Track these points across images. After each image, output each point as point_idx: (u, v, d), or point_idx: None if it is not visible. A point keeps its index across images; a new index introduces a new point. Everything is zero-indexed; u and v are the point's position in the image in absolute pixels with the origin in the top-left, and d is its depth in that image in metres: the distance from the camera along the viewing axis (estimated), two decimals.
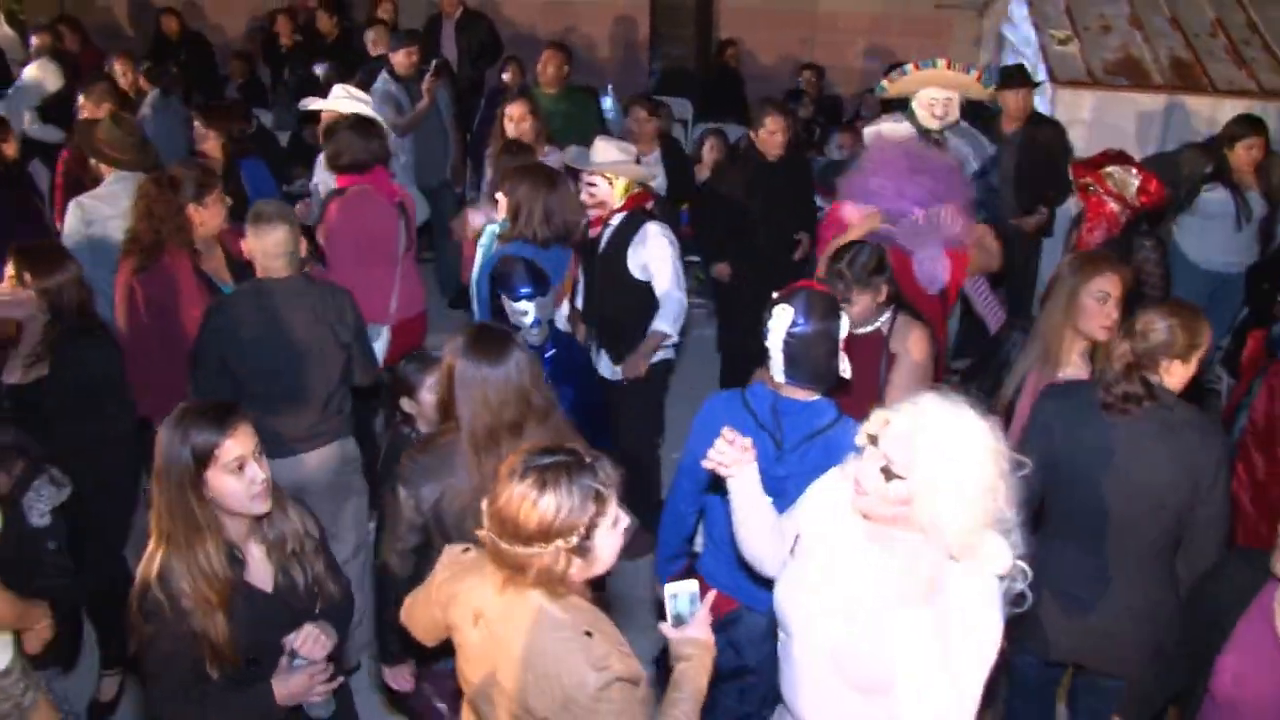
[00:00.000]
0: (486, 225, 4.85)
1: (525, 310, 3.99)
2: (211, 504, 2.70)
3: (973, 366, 4.62)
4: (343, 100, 5.97)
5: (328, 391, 4.21)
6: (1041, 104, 7.22)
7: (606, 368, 5.13)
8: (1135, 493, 3.24)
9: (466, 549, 2.56)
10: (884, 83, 6.02)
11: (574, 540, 2.26)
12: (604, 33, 11.75)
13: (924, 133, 5.78)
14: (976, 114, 6.43)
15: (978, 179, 5.90)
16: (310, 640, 2.82)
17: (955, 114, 5.80)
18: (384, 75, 7.43)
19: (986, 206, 5.90)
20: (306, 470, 4.18)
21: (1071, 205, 6.28)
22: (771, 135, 6.26)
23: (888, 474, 2.35)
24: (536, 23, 11.77)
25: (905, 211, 4.76)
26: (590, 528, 2.27)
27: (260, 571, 2.85)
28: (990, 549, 2.38)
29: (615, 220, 4.97)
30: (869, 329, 4.11)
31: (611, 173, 4.93)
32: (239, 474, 2.69)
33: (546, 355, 4.10)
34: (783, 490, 2.98)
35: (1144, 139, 7.19)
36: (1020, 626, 3.54)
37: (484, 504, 2.35)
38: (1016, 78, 6.82)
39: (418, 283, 5.54)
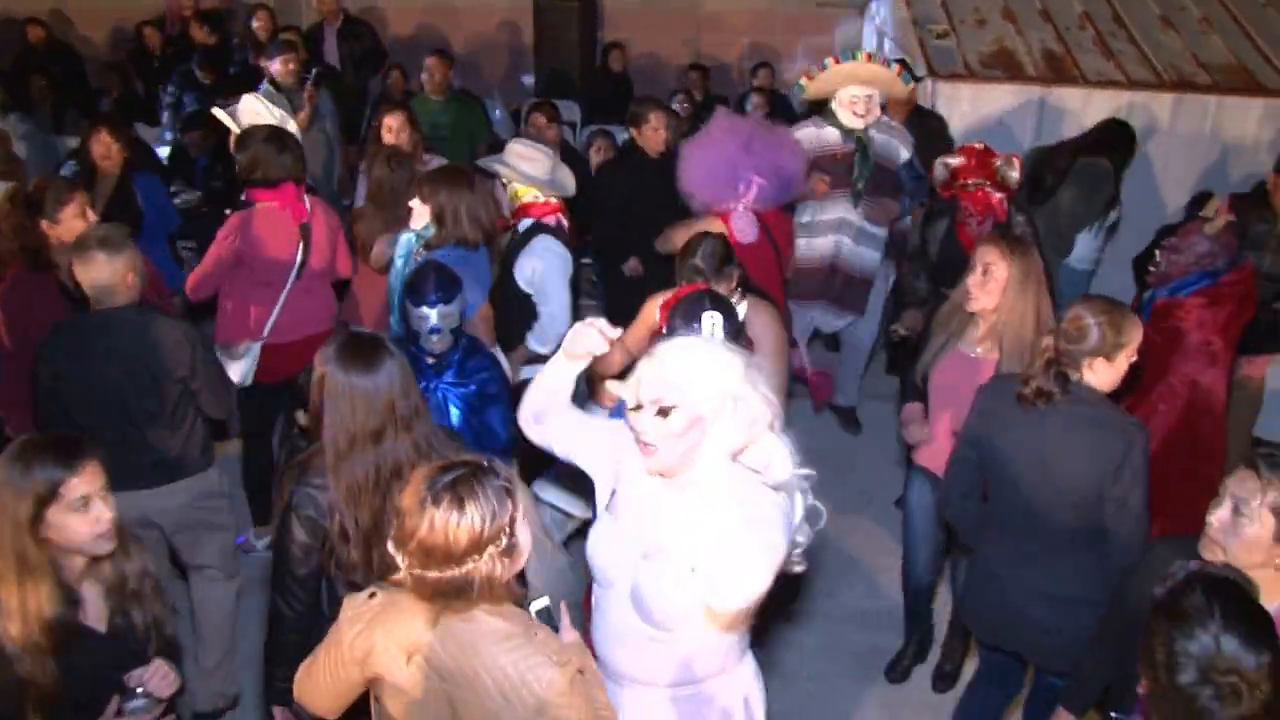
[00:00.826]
0: (402, 236, 4.76)
1: (425, 316, 3.92)
2: (50, 543, 2.57)
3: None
4: (250, 112, 5.85)
5: (164, 427, 4.03)
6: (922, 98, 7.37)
7: None
8: (1051, 484, 3.33)
9: (372, 594, 2.45)
10: (802, 81, 6.05)
11: (503, 542, 2.26)
12: (487, 38, 11.67)
13: (848, 133, 5.86)
14: None
15: (908, 168, 6.08)
16: (158, 677, 2.72)
17: (877, 111, 5.88)
18: (264, 85, 7.28)
19: (915, 195, 6.10)
20: (152, 506, 4.02)
21: None
22: (655, 132, 6.29)
23: (664, 412, 2.45)
24: (419, 29, 11.64)
25: (742, 179, 5.04)
26: (512, 524, 2.29)
27: (95, 612, 2.72)
28: (774, 452, 2.51)
29: (521, 227, 4.96)
30: None
31: (506, 177, 4.92)
32: (84, 513, 2.59)
33: (451, 359, 4.03)
34: None
35: (1019, 129, 7.38)
36: (961, 609, 3.80)
37: (392, 547, 2.30)
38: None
39: (323, 304, 5.36)
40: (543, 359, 4.76)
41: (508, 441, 4.00)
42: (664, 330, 3.48)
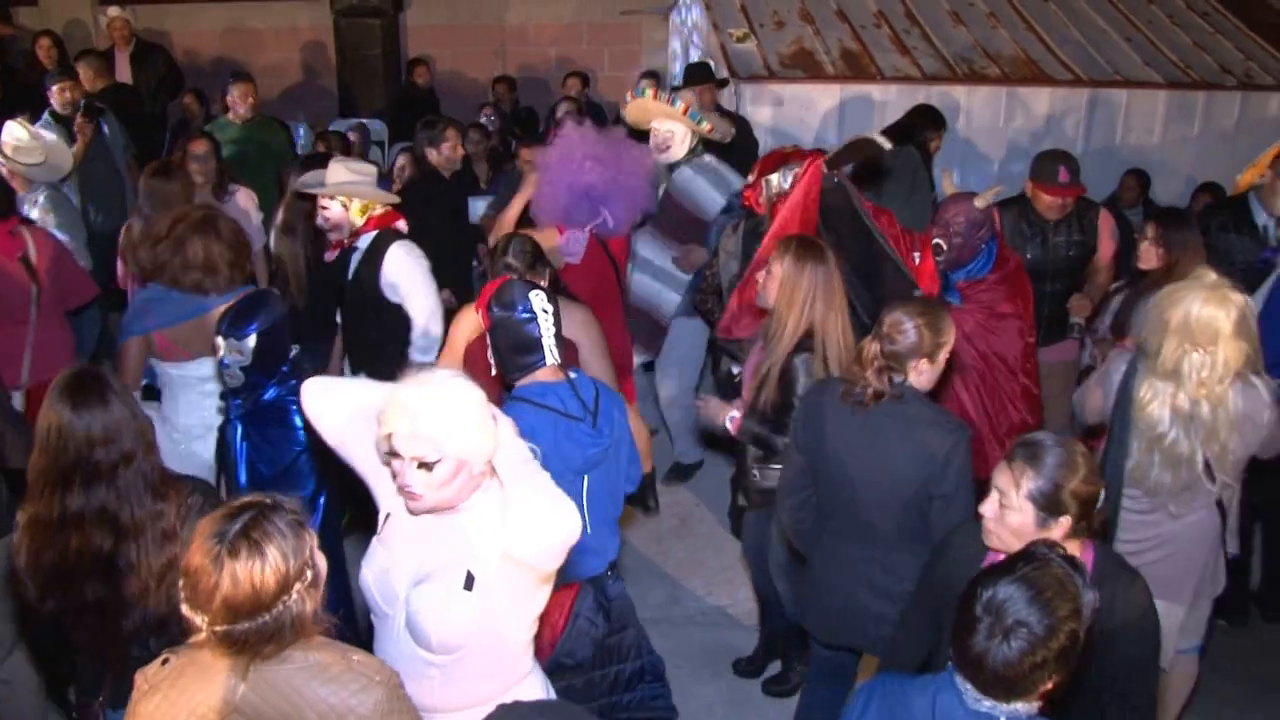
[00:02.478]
0: None
1: (216, 347, 3.74)
2: None
3: None
4: (10, 139, 5.51)
5: None
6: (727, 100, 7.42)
7: None
8: (882, 484, 3.37)
9: (164, 660, 2.27)
10: (622, 110, 5.86)
11: (308, 576, 2.20)
12: (290, 58, 11.33)
13: (660, 166, 5.53)
14: None
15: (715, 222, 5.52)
16: None
17: (679, 149, 5.48)
18: (45, 115, 6.87)
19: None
20: None
21: None
22: (454, 150, 6.20)
23: (426, 466, 2.44)
24: (218, 51, 11.22)
25: (585, 192, 4.91)
26: (312, 555, 2.22)
27: None
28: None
29: (362, 242, 4.76)
30: None
31: (345, 195, 4.73)
32: None
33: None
34: (600, 460, 3.28)
35: (822, 127, 7.51)
36: (798, 609, 3.78)
37: (187, 610, 2.15)
38: (698, 74, 6.97)
39: (67, 341, 5.06)
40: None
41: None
42: (487, 324, 3.36)
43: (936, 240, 4.63)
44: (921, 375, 3.34)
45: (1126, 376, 3.69)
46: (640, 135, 5.56)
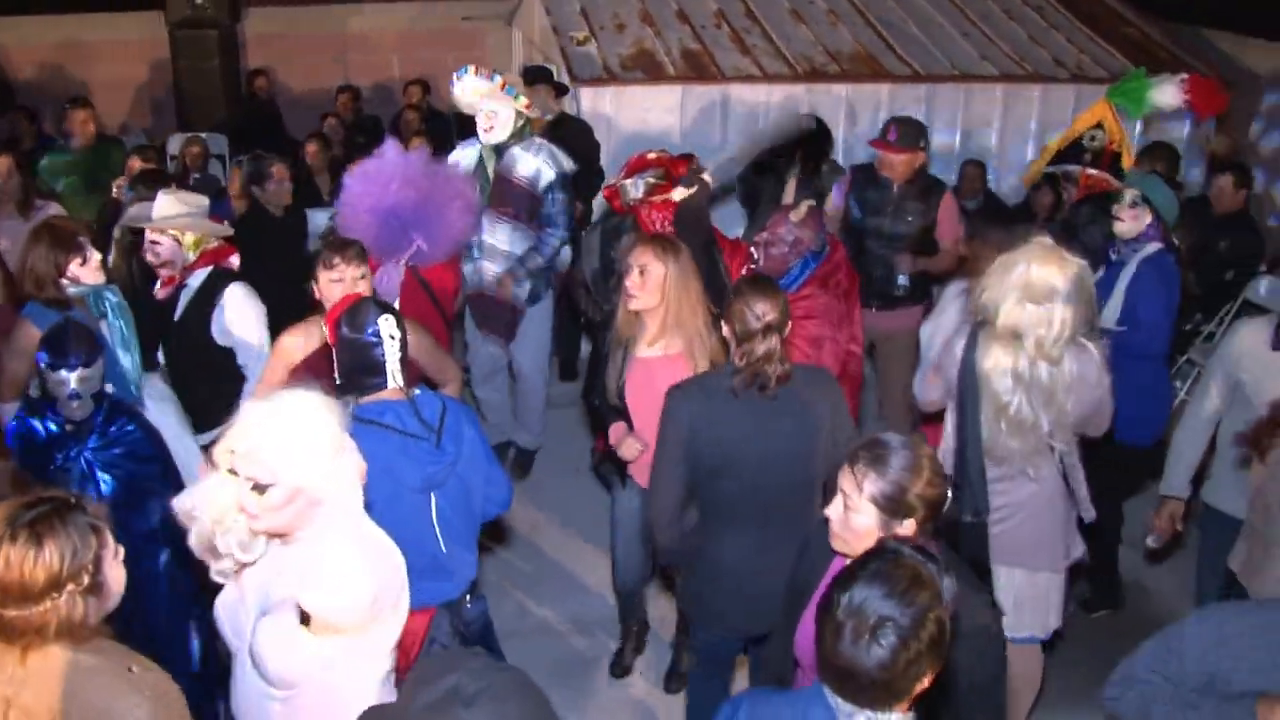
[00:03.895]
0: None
1: (65, 380, 3.62)
2: None
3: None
4: None
5: None
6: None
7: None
8: (778, 466, 3.42)
9: None
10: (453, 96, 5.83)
11: (85, 580, 2.23)
12: (126, 72, 10.89)
13: (493, 148, 5.63)
14: None
15: (557, 191, 5.66)
16: None
17: (503, 130, 5.54)
18: None
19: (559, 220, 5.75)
20: None
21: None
22: (280, 184, 6.09)
23: (260, 489, 2.43)
24: (49, 67, 10.73)
25: (391, 215, 4.74)
26: (97, 562, 2.25)
27: None
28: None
29: (193, 280, 4.52)
30: None
31: (177, 228, 4.47)
32: None
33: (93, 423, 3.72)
34: (444, 478, 3.25)
35: (664, 128, 7.47)
36: (696, 610, 3.75)
37: None
38: (535, 75, 6.91)
39: None
40: None
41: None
42: (334, 341, 3.34)
43: (751, 249, 4.73)
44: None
45: (967, 349, 3.73)
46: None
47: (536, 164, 5.59)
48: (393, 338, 3.25)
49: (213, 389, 4.55)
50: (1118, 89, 6.38)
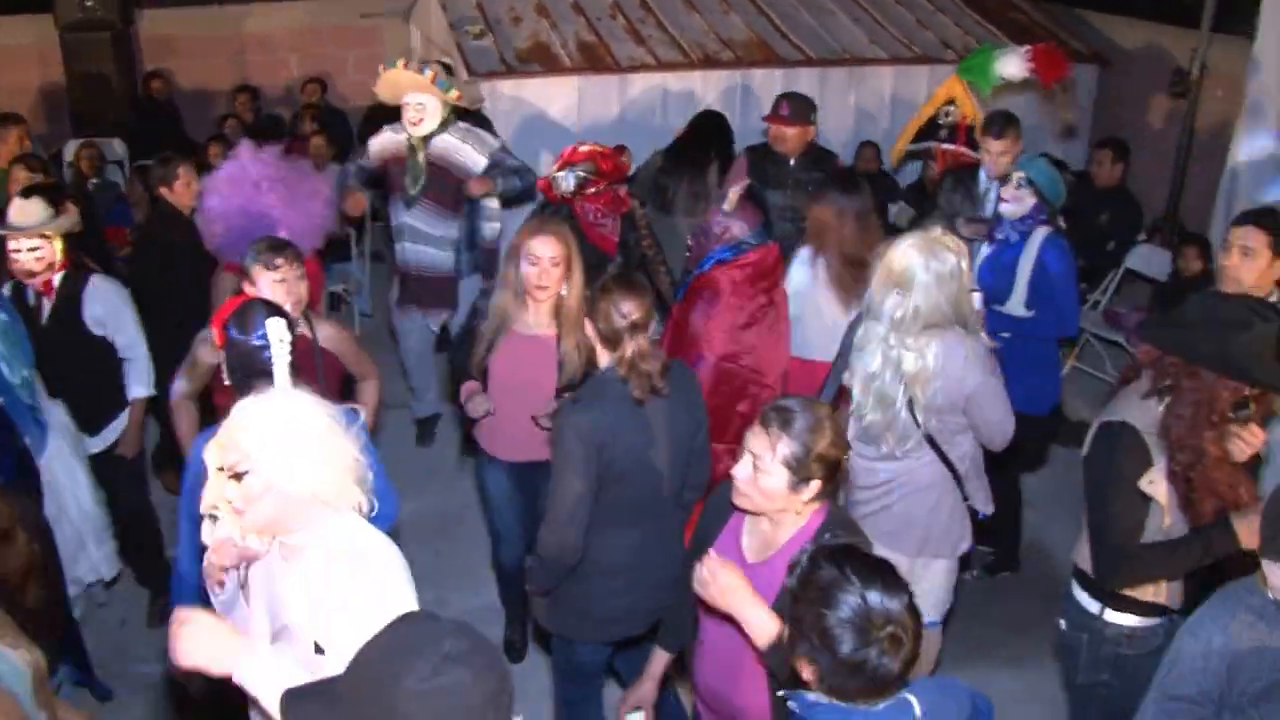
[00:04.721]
0: None
1: None
2: None
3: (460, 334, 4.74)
4: None
5: None
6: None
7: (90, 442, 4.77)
8: (665, 461, 3.46)
9: None
10: (375, 88, 5.94)
11: None
12: (17, 77, 10.64)
13: (416, 138, 5.78)
14: None
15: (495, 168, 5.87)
16: None
17: (431, 121, 5.74)
18: None
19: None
20: None
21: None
22: (187, 187, 5.97)
23: (238, 477, 2.38)
24: None
25: (262, 214, 4.77)
26: None
27: None
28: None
29: (56, 280, 4.56)
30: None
31: (51, 230, 4.50)
32: None
33: None
34: None
35: (562, 119, 7.55)
36: (577, 623, 3.68)
37: None
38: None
39: None
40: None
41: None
42: (221, 343, 3.29)
43: (689, 242, 4.90)
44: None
45: (852, 325, 3.92)
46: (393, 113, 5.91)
47: (471, 153, 5.85)
48: (281, 341, 3.21)
49: (94, 382, 4.68)
50: (966, 65, 6.54)
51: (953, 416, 3.72)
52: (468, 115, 6.18)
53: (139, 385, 4.77)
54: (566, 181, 5.32)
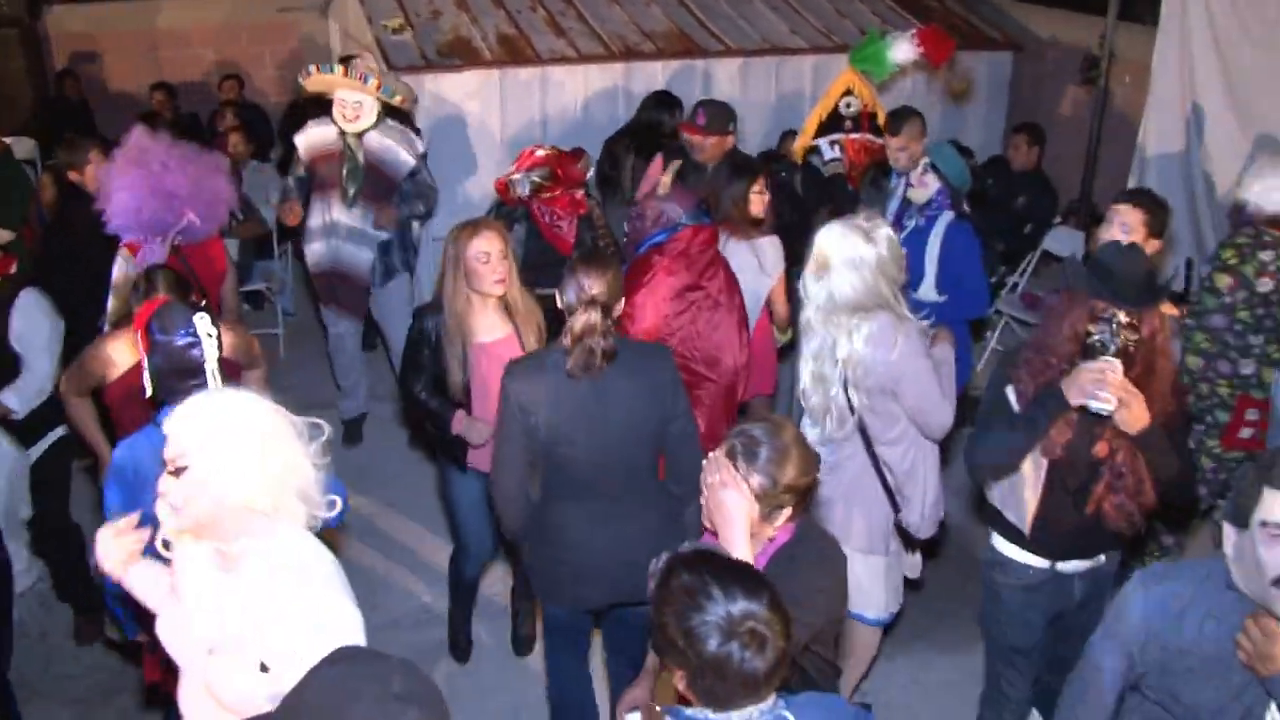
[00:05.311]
0: None
1: None
2: None
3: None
4: None
5: None
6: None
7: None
8: (618, 435, 3.49)
9: None
10: (301, 79, 5.86)
11: None
12: None
13: (341, 134, 5.78)
14: None
15: (412, 178, 5.93)
16: None
17: (368, 117, 5.75)
18: None
19: (417, 200, 6.04)
20: None
21: None
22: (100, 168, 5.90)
23: (177, 471, 2.39)
24: None
25: (169, 194, 4.77)
26: None
27: None
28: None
29: None
30: None
31: None
32: None
33: None
34: None
35: (483, 113, 7.52)
36: (542, 584, 3.76)
37: None
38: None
39: None
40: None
41: None
42: (146, 347, 3.24)
43: (625, 226, 4.92)
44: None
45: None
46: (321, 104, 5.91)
47: (400, 153, 5.92)
48: (209, 335, 3.20)
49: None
50: (858, 54, 6.58)
51: (884, 402, 3.78)
52: (395, 114, 6.14)
53: (12, 395, 4.52)
54: (522, 185, 5.33)
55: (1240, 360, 4.45)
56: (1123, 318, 3.12)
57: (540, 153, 5.47)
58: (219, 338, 3.25)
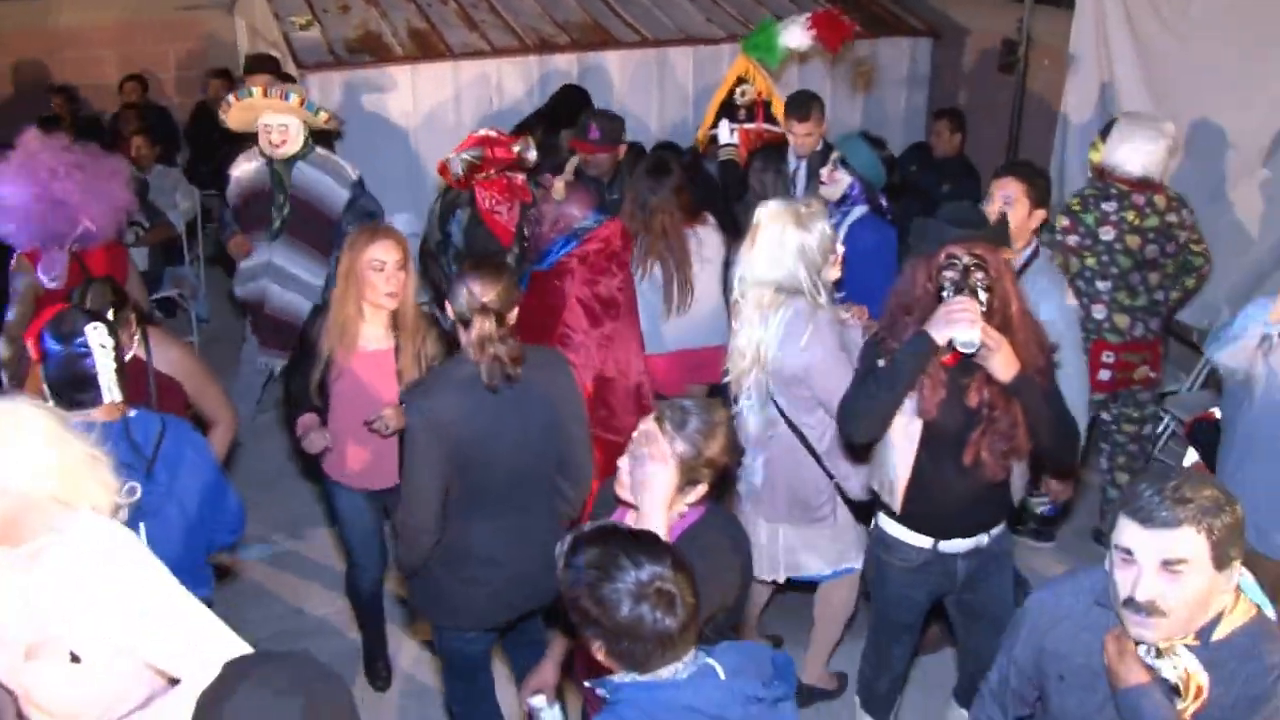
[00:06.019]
0: None
1: None
2: None
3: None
4: None
5: None
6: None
7: None
8: (537, 443, 3.47)
9: None
10: (222, 114, 5.51)
11: None
12: None
13: (269, 163, 5.43)
14: None
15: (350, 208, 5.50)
16: None
17: (295, 142, 5.38)
18: None
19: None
20: None
21: None
22: None
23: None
24: None
25: (61, 200, 4.60)
26: None
27: None
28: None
29: None
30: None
31: None
32: None
33: None
34: (156, 507, 3.04)
35: (396, 109, 7.35)
36: (443, 611, 3.65)
37: None
38: (259, 65, 6.63)
39: None
40: None
41: None
42: (38, 356, 3.13)
43: (525, 233, 4.94)
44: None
45: None
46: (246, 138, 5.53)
47: (333, 187, 5.49)
48: (104, 347, 3.10)
49: None
50: (751, 42, 6.52)
51: (796, 389, 3.82)
52: (322, 137, 5.87)
53: None
54: (455, 165, 5.20)
55: (1092, 305, 4.77)
56: (966, 258, 3.16)
57: (479, 133, 5.32)
58: (118, 349, 3.17)
